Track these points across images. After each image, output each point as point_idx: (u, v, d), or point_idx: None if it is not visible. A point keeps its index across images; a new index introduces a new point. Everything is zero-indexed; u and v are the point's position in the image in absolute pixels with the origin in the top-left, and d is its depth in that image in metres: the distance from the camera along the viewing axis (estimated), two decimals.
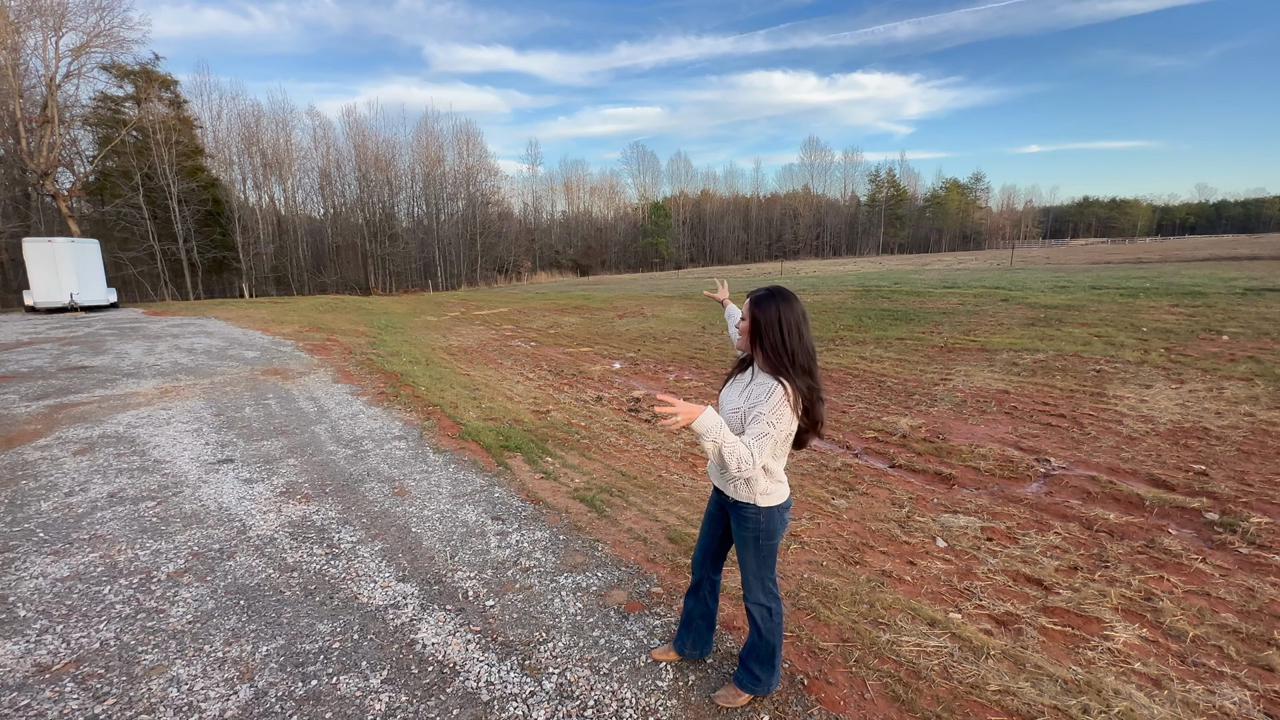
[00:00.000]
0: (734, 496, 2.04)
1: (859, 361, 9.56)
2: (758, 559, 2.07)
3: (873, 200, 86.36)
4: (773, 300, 1.91)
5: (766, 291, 1.94)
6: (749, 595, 2.12)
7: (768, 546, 2.05)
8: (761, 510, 2.00)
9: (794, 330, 1.88)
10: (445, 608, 2.80)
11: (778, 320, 1.88)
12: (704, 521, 2.30)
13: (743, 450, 1.80)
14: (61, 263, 18.20)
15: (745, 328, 1.96)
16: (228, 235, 37.88)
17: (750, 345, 1.97)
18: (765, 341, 1.90)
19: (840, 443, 6.14)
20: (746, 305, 1.95)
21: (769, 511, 2.01)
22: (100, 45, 29.79)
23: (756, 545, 2.05)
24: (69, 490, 4.30)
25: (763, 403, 1.87)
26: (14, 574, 3.14)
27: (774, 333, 1.88)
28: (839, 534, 3.87)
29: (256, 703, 2.19)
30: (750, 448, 1.81)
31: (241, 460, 4.94)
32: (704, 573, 2.31)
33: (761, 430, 1.84)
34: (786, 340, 1.87)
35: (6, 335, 12.56)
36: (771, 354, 1.89)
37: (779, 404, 1.84)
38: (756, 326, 1.92)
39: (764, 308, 1.91)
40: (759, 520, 2.01)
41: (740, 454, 1.80)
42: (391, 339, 12.73)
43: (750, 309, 1.93)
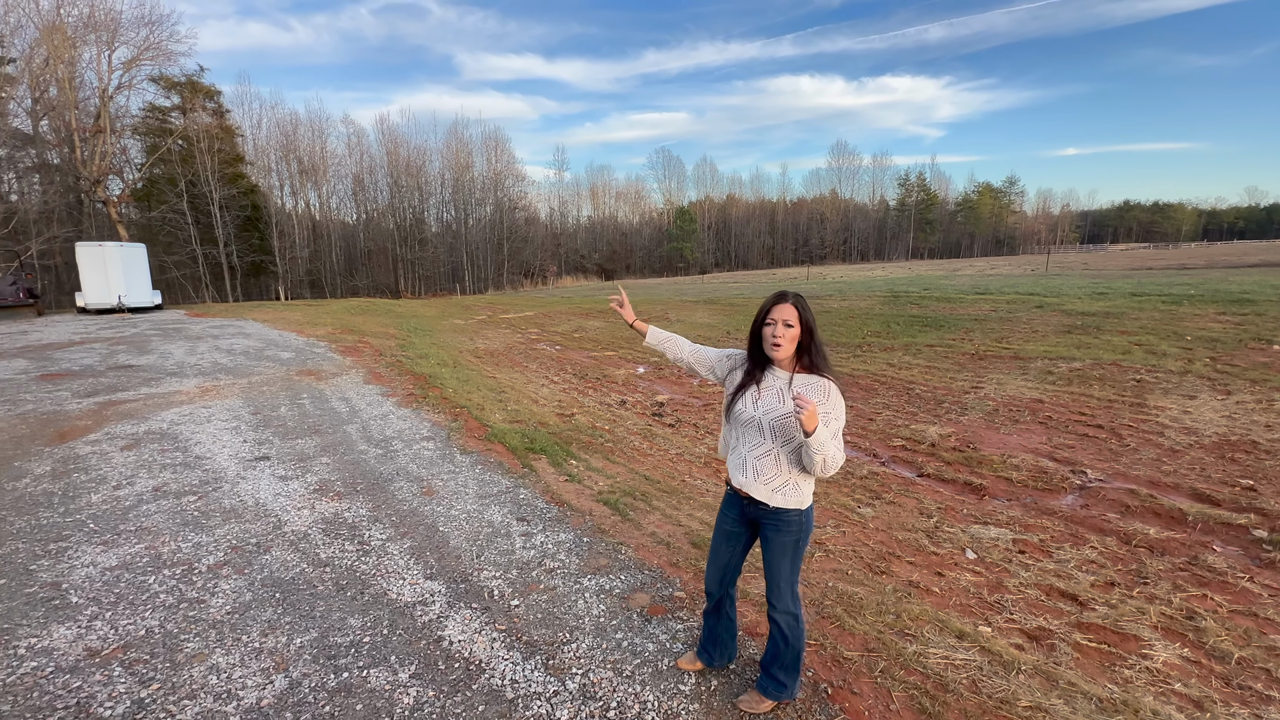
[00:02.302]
0: (778, 505, 2.00)
1: (887, 368, 9.42)
2: (794, 564, 2.07)
3: (902, 204, 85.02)
4: (805, 300, 1.96)
5: (795, 294, 1.95)
6: (778, 605, 2.09)
7: (804, 548, 2.07)
8: (800, 514, 2.02)
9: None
10: (471, 606, 2.85)
11: (814, 321, 1.95)
12: (719, 541, 2.22)
13: (838, 454, 1.87)
14: (111, 266, 19.01)
15: (796, 334, 1.92)
16: (265, 240, 39.13)
17: (794, 348, 1.95)
18: (814, 342, 1.94)
19: (867, 450, 6.06)
20: (790, 310, 1.92)
21: (806, 513, 2.03)
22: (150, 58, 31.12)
23: (795, 549, 2.05)
24: (117, 484, 4.50)
25: (825, 402, 1.90)
26: (66, 562, 3.30)
27: (818, 334, 1.94)
28: (865, 543, 3.82)
29: (291, 693, 2.26)
30: (839, 449, 1.89)
31: (277, 458, 5.10)
32: (722, 589, 2.27)
33: (835, 428, 1.90)
34: (822, 337, 1.95)
35: (60, 335, 13.17)
36: (818, 354, 1.93)
37: (838, 399, 1.91)
38: (809, 331, 1.93)
39: (806, 308, 1.94)
40: (800, 522, 2.02)
41: (838, 458, 1.87)
42: (420, 342, 12.98)
43: (799, 313, 1.92)
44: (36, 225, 27.02)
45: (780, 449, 1.97)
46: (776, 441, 1.97)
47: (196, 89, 35.84)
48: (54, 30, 27.81)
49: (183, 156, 34.19)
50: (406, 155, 51.06)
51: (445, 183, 53.56)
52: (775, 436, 1.96)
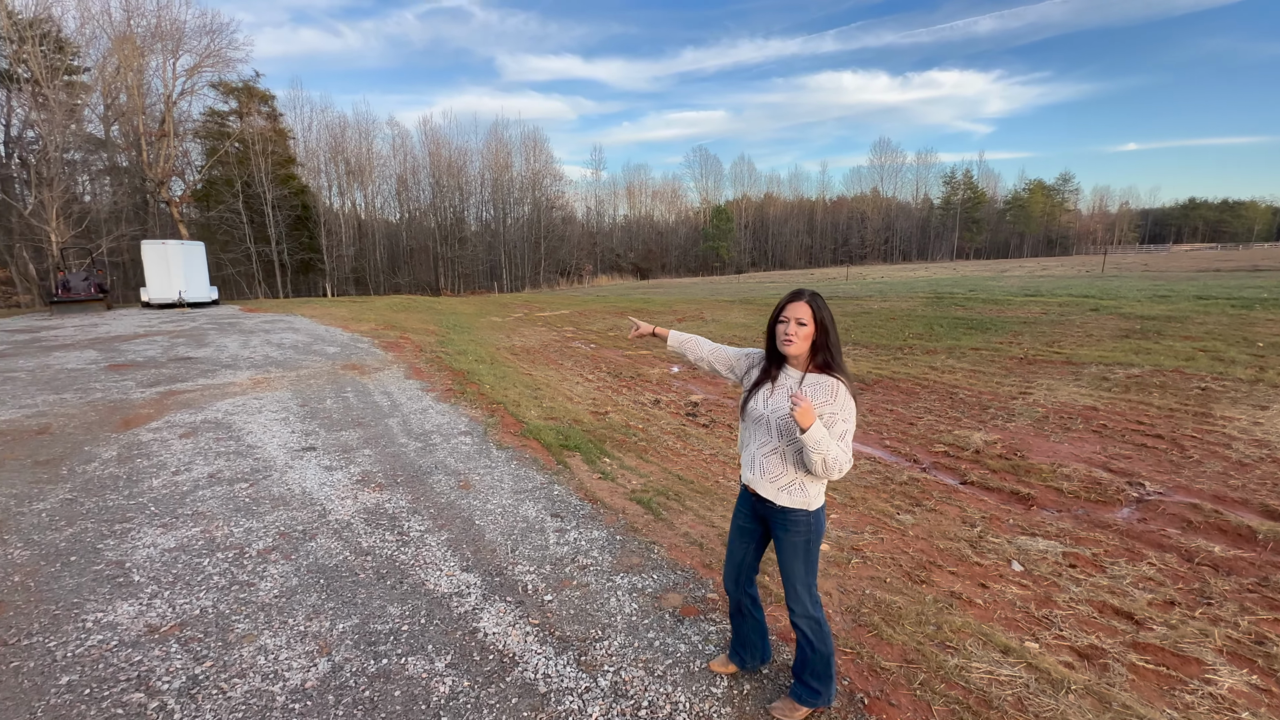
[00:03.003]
0: (785, 504, 2.00)
1: (929, 372, 9.15)
2: (806, 565, 2.05)
3: (947, 203, 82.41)
4: (822, 300, 1.95)
5: (812, 292, 1.94)
6: (796, 609, 2.08)
7: (816, 549, 2.05)
8: (810, 514, 2.00)
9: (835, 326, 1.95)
10: (506, 599, 2.89)
11: (832, 319, 1.94)
12: (734, 537, 2.23)
13: (841, 455, 1.85)
14: (173, 263, 20.05)
15: (810, 333, 1.91)
16: (314, 238, 40.64)
17: (808, 346, 1.94)
18: (830, 340, 1.92)
19: (907, 455, 5.90)
20: (804, 309, 1.91)
21: (816, 514, 2.01)
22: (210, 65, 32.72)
23: (807, 550, 2.03)
24: (175, 470, 4.74)
25: (831, 402, 1.88)
26: (130, 543, 3.49)
27: (834, 332, 1.93)
28: (904, 550, 3.72)
29: (334, 676, 2.34)
30: (844, 450, 1.86)
31: (323, 449, 5.28)
32: (740, 591, 2.27)
33: (842, 429, 1.87)
34: (838, 336, 1.94)
35: (126, 328, 13.96)
36: (833, 352, 1.92)
37: (846, 399, 1.88)
38: (824, 330, 1.92)
39: (823, 308, 1.93)
40: (810, 522, 2.00)
41: (841, 459, 1.84)
42: (459, 338, 13.26)
43: (813, 311, 1.91)
44: (106, 224, 28.71)
45: (787, 447, 1.97)
46: (783, 440, 1.97)
47: (252, 94, 37.49)
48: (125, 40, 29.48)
49: (239, 159, 35.82)
50: (448, 156, 52.24)
51: (485, 183, 54.58)
52: (782, 435, 1.97)
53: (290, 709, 2.17)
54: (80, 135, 29.35)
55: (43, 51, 26.01)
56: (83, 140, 29.92)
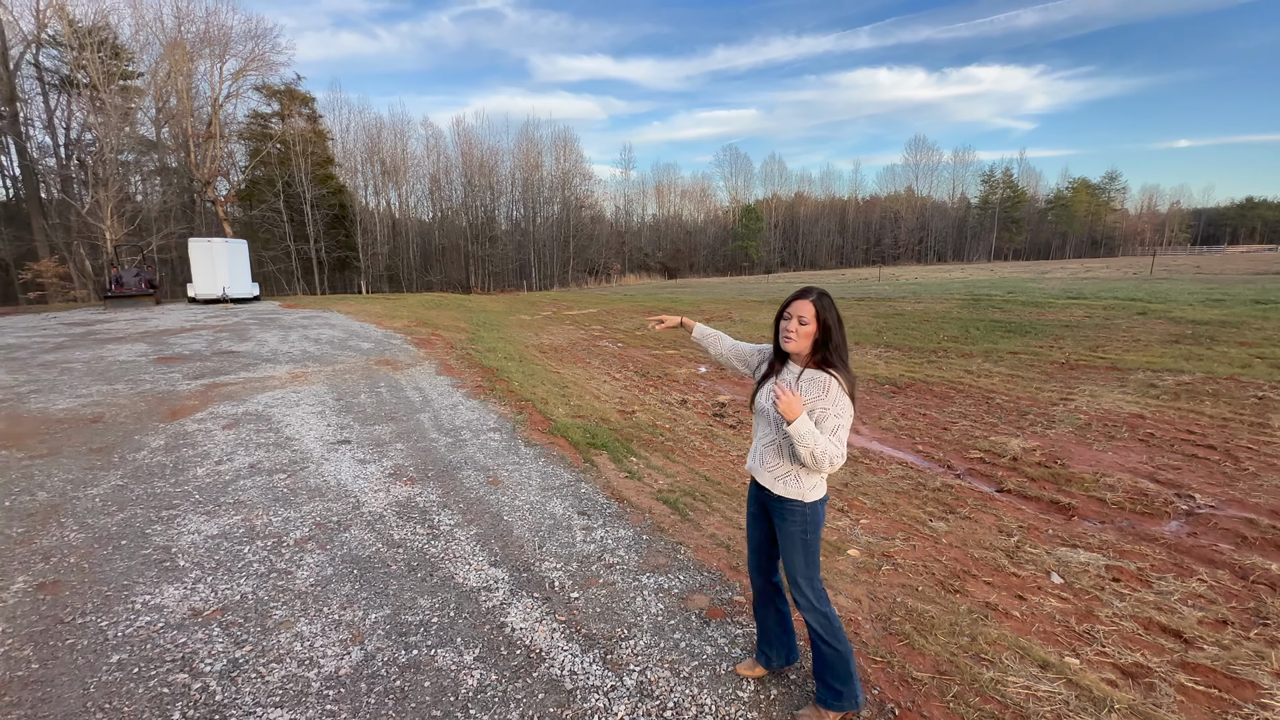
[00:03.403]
0: (780, 493, 2.05)
1: (964, 375, 8.91)
2: (805, 556, 2.07)
3: (985, 202, 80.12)
4: (831, 301, 1.99)
5: (820, 292, 1.99)
6: (801, 602, 2.09)
7: (814, 540, 2.07)
8: (806, 505, 2.03)
9: (843, 326, 2.01)
10: (533, 595, 2.92)
11: (838, 319, 1.98)
12: (749, 524, 2.31)
13: (832, 449, 1.88)
14: (217, 260, 20.82)
15: (811, 330, 1.96)
16: (350, 237, 41.69)
17: (810, 345, 1.99)
18: (832, 340, 1.96)
19: (940, 461, 5.75)
20: (807, 307, 1.96)
21: (813, 506, 2.04)
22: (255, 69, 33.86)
23: (804, 540, 2.06)
24: (218, 459, 4.92)
25: (823, 398, 1.92)
26: (175, 529, 3.64)
27: (839, 334, 1.97)
28: (937, 559, 3.63)
29: (366, 664, 2.40)
30: (834, 444, 1.89)
31: (357, 442, 5.41)
32: (763, 578, 2.30)
33: (834, 424, 1.91)
34: (844, 338, 1.98)
35: (174, 322, 14.55)
36: (834, 352, 1.96)
37: (839, 395, 1.92)
38: (827, 328, 1.96)
39: (828, 308, 1.97)
40: (805, 514, 2.04)
41: (831, 453, 1.88)
42: (489, 336, 13.44)
43: (817, 312, 1.96)
44: (156, 222, 29.94)
45: (783, 441, 2.04)
46: (779, 432, 2.04)
47: (294, 96, 38.64)
48: (175, 46, 30.70)
49: (280, 159, 36.97)
50: (480, 156, 53.00)
51: (515, 182, 55.21)
52: (779, 427, 2.04)
53: (324, 695, 2.23)
54: (133, 137, 30.67)
55: (100, 58, 27.26)
56: (136, 142, 31.27)
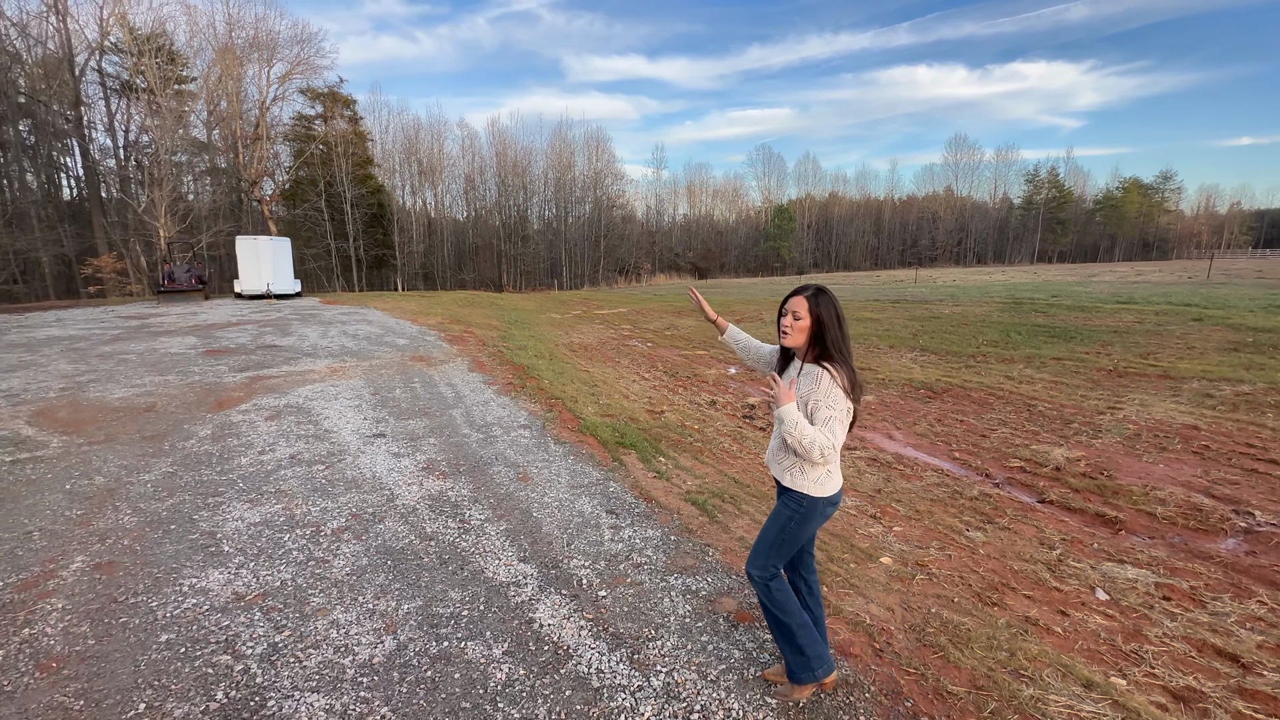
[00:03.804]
0: (788, 485, 2.12)
1: (1004, 381, 8.64)
2: (776, 534, 2.15)
3: (1029, 202, 77.46)
4: (828, 297, 2.04)
5: (817, 289, 2.06)
6: (750, 571, 2.19)
7: (793, 533, 2.12)
8: (807, 498, 2.08)
9: (846, 324, 2.05)
10: (561, 592, 2.94)
11: (835, 317, 2.02)
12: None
13: (820, 438, 1.93)
14: (262, 257, 21.58)
15: (805, 325, 2.04)
16: (388, 235, 42.73)
17: (807, 341, 2.07)
18: (828, 335, 2.02)
19: (978, 469, 5.59)
20: (801, 303, 2.05)
21: (814, 501, 2.08)
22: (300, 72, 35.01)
23: (784, 525, 2.13)
24: (261, 449, 5.09)
25: (816, 390, 1.99)
26: (221, 515, 3.78)
27: (834, 329, 2.02)
28: (974, 569, 3.52)
29: (398, 654, 2.45)
30: (824, 434, 1.95)
31: (391, 436, 5.54)
32: (796, 574, 2.33)
33: (826, 415, 1.97)
34: (844, 333, 2.03)
35: (221, 316, 15.14)
36: (832, 348, 2.01)
37: (830, 387, 1.97)
38: (821, 323, 2.03)
39: (825, 307, 2.03)
40: (802, 504, 2.10)
41: (820, 442, 1.93)
42: (520, 334, 13.60)
43: (811, 308, 2.03)
44: (206, 220, 31.21)
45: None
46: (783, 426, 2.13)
47: (336, 99, 39.79)
48: (226, 51, 31.94)
49: (322, 160, 38.12)
50: (514, 156, 53.65)
51: (548, 182, 55.73)
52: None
53: (359, 682, 2.29)
54: (186, 139, 32.04)
55: (157, 63, 28.55)
56: (188, 144, 32.65)
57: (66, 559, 3.23)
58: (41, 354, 9.43)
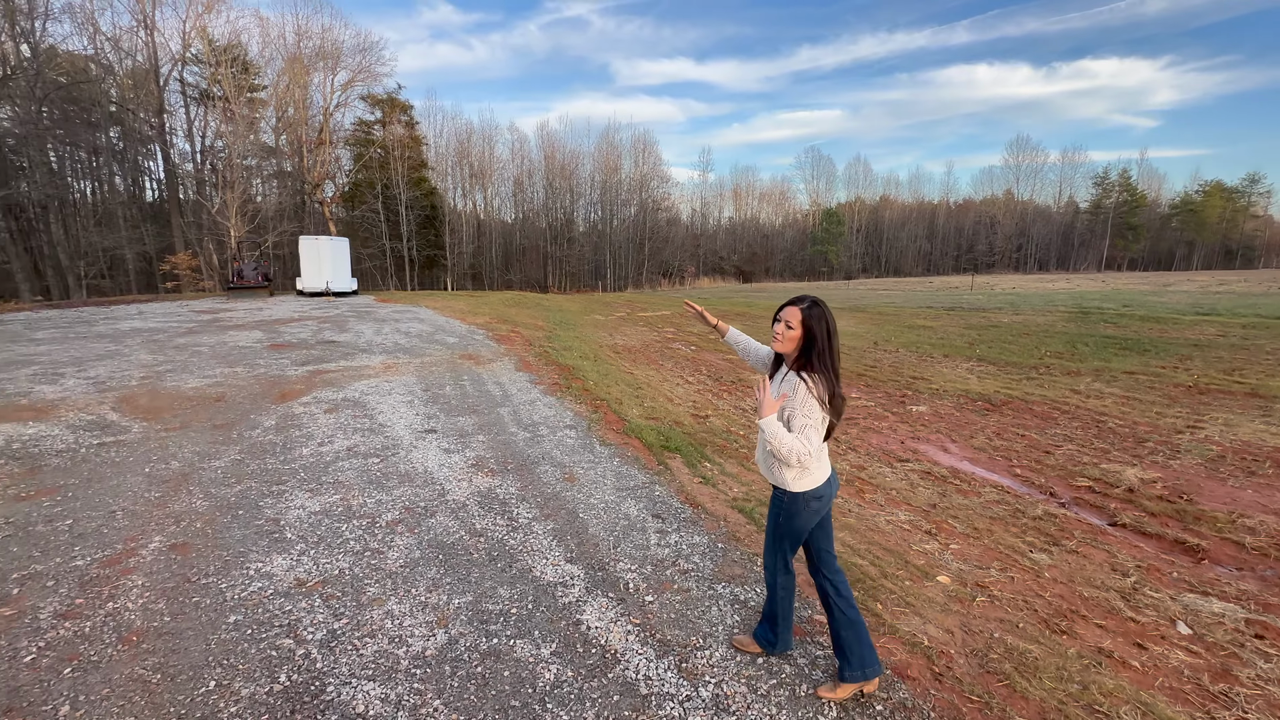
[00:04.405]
0: (772, 481, 2.26)
1: (1070, 395, 8.20)
2: (774, 537, 2.31)
3: (1097, 207, 73.41)
4: (821, 311, 2.10)
5: (812, 301, 2.12)
6: (765, 562, 2.39)
7: (786, 527, 2.26)
8: (787, 494, 2.21)
9: (836, 338, 2.11)
10: (608, 595, 2.93)
11: (825, 331, 2.08)
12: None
13: (797, 445, 2.03)
14: (323, 256, 22.55)
15: (796, 335, 2.12)
16: (439, 236, 44.03)
17: (795, 350, 2.15)
18: (815, 346, 2.09)
19: (1042, 487, 5.30)
20: (794, 313, 2.12)
21: (795, 496, 2.19)
22: (361, 80, 36.46)
23: (777, 524, 2.29)
24: (320, 441, 5.30)
25: (792, 398, 2.08)
26: (284, 503, 3.95)
27: (823, 342, 2.08)
28: (1039, 594, 3.34)
29: (450, 648, 2.49)
30: (801, 441, 2.04)
31: (442, 432, 5.67)
32: (820, 576, 2.35)
33: (802, 424, 2.06)
34: (832, 347, 2.09)
35: (284, 312, 15.90)
36: (816, 359, 2.08)
37: (805, 398, 2.05)
38: (810, 335, 2.09)
39: (817, 320, 2.09)
40: (784, 501, 2.23)
41: (797, 448, 2.03)
42: (565, 334, 13.76)
43: (803, 319, 2.10)
44: (272, 221, 32.88)
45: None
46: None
47: (395, 104, 41.27)
48: (295, 60, 33.60)
49: (380, 164, 39.60)
50: (561, 159, 54.46)
51: (594, 184, 56.30)
52: None
53: (412, 673, 2.34)
54: (256, 144, 33.85)
55: (233, 73, 30.27)
56: (258, 149, 34.50)
57: (146, 538, 3.44)
58: (125, 345, 10.11)
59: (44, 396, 6.60)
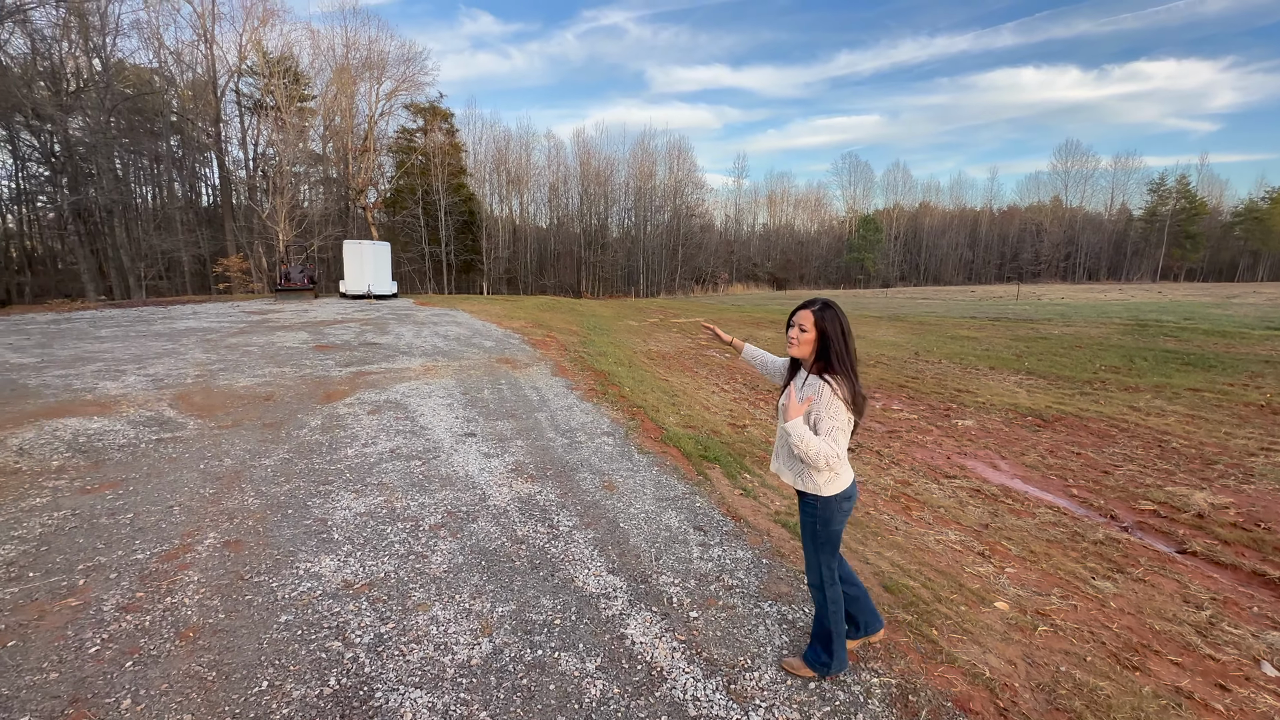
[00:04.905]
0: (801, 488, 2.26)
1: (1128, 412, 7.81)
2: (815, 546, 2.31)
3: (1152, 214, 70.21)
4: (834, 312, 2.13)
5: (824, 304, 2.15)
6: (809, 578, 2.39)
7: (824, 534, 2.27)
8: (820, 498, 2.22)
9: (851, 338, 2.13)
10: (651, 609, 2.88)
11: (840, 332, 2.11)
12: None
13: (825, 448, 2.05)
14: (365, 260, 23.21)
15: (811, 338, 2.14)
16: (476, 241, 44.86)
17: (811, 353, 2.18)
18: (831, 350, 2.11)
19: (1101, 510, 5.04)
20: (807, 316, 2.15)
21: (827, 501, 2.22)
22: (405, 89, 37.54)
23: (814, 533, 2.29)
24: (364, 442, 5.41)
25: (817, 401, 2.10)
26: (331, 503, 4.03)
27: (838, 344, 2.11)
28: (1106, 625, 3.15)
29: (495, 658, 2.48)
30: (828, 444, 2.06)
31: (481, 436, 5.72)
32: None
33: (829, 426, 2.08)
34: (848, 346, 2.11)
35: (328, 314, 16.38)
36: (835, 361, 2.10)
37: (830, 400, 2.07)
38: (825, 337, 2.12)
39: (830, 322, 2.12)
40: (816, 509, 2.25)
41: (825, 450, 2.05)
42: (599, 340, 13.79)
43: (817, 322, 2.13)
44: (318, 226, 34.01)
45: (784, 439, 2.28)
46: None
47: (436, 113, 42.32)
48: (343, 71, 34.79)
49: (421, 170, 40.61)
50: (596, 166, 54.94)
51: (629, 191, 56.60)
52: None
53: (458, 682, 2.33)
54: (305, 152, 35.12)
55: (284, 84, 31.51)
56: (306, 156, 35.78)
57: (201, 534, 3.54)
58: (181, 343, 10.55)
59: (107, 392, 6.91)
